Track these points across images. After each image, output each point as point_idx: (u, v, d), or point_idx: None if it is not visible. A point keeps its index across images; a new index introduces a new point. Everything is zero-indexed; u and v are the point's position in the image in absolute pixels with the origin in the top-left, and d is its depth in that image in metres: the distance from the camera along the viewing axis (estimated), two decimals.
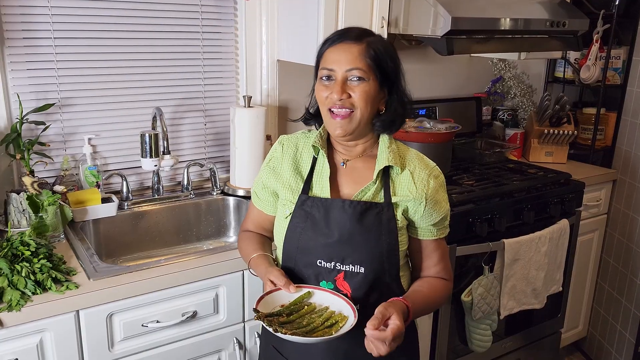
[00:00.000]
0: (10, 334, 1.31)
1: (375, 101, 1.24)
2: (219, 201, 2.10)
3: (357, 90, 1.20)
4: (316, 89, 1.26)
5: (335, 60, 1.21)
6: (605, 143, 2.79)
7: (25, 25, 1.76)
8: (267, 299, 1.20)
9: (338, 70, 1.20)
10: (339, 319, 1.18)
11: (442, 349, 2.17)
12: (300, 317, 1.18)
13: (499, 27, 2.06)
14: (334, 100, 1.20)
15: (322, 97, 1.23)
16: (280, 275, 1.24)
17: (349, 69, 1.19)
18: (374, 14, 1.99)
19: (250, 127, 2.02)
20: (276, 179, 1.33)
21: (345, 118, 1.21)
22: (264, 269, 1.29)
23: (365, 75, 1.20)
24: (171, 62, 2.05)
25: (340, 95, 1.19)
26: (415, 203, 1.26)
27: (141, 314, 1.49)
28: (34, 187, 1.71)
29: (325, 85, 1.23)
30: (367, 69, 1.20)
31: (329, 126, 1.25)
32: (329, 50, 1.23)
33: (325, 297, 1.23)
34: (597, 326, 2.84)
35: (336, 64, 1.20)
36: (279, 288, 1.22)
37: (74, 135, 1.93)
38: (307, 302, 1.22)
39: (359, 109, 1.21)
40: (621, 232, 2.66)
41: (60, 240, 1.67)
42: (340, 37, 1.23)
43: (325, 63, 1.22)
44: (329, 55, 1.22)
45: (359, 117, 1.22)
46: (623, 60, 2.69)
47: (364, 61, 1.19)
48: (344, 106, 1.20)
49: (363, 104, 1.21)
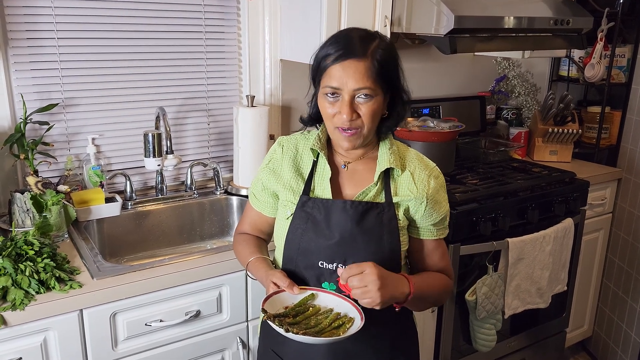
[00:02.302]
0: (15, 333, 1.31)
1: (381, 113, 1.23)
2: (222, 201, 2.10)
3: (364, 108, 1.18)
4: (320, 103, 1.23)
5: (341, 78, 1.16)
6: (610, 142, 2.78)
7: (28, 25, 1.77)
8: (270, 301, 1.19)
9: (345, 90, 1.16)
10: (345, 320, 1.17)
11: (446, 349, 2.16)
12: (307, 318, 1.17)
13: (503, 26, 2.06)
14: (342, 120, 1.18)
15: (328, 113, 1.20)
16: (283, 276, 1.22)
17: (356, 88, 1.16)
18: (376, 13, 1.98)
19: (253, 126, 2.02)
20: (276, 180, 1.32)
21: (353, 135, 1.20)
22: (264, 272, 1.27)
23: (373, 92, 1.17)
24: (174, 61, 2.05)
25: (350, 117, 1.17)
26: (417, 203, 1.26)
27: (144, 313, 1.49)
28: (38, 186, 1.71)
29: (331, 103, 1.19)
30: (374, 86, 1.17)
31: (337, 139, 1.24)
32: (333, 67, 1.17)
33: (330, 299, 1.22)
34: (602, 326, 2.82)
35: (343, 83, 1.16)
36: (282, 290, 1.21)
37: (78, 135, 1.93)
38: (312, 304, 1.21)
39: (366, 127, 1.20)
40: (626, 231, 2.64)
41: (64, 239, 1.67)
42: (343, 52, 1.16)
43: (331, 81, 1.17)
44: (334, 72, 1.17)
45: (366, 133, 1.21)
46: (628, 59, 2.67)
47: (370, 79, 1.16)
48: (352, 127, 1.19)
49: (370, 121, 1.19)
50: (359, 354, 1.27)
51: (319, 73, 1.21)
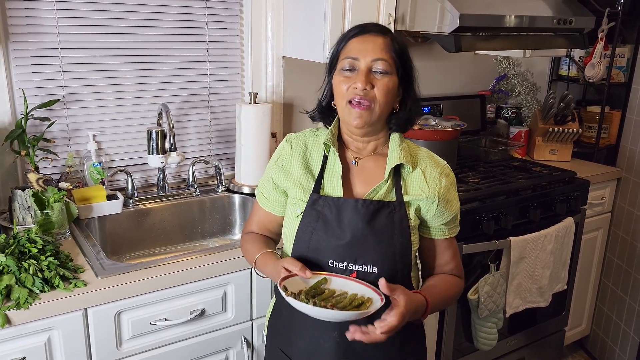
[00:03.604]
0: (19, 332, 1.29)
1: (394, 98, 1.23)
2: (224, 198, 2.09)
3: (379, 83, 1.19)
4: (335, 81, 1.23)
5: (360, 49, 1.19)
6: (609, 141, 2.79)
7: (30, 20, 1.74)
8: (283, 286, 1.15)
9: (362, 60, 1.18)
10: (364, 300, 1.16)
11: (448, 347, 2.16)
12: (324, 299, 1.14)
13: (506, 24, 2.06)
14: (357, 90, 1.18)
15: (343, 89, 1.20)
16: (294, 260, 1.20)
17: (374, 59, 1.18)
18: (380, 10, 1.98)
19: (256, 124, 2.00)
20: (286, 178, 1.30)
21: (365, 109, 1.19)
22: (273, 264, 1.25)
23: (390, 68, 1.19)
24: (176, 58, 2.03)
25: (365, 85, 1.17)
26: (428, 202, 1.25)
27: (149, 312, 1.47)
28: (39, 183, 1.69)
29: (347, 77, 1.20)
30: (392, 62, 1.19)
31: (348, 116, 1.22)
32: (353, 40, 1.21)
33: (343, 283, 1.19)
34: (600, 324, 2.84)
35: (361, 53, 1.19)
36: (293, 274, 1.18)
37: (79, 131, 1.91)
38: (326, 287, 1.19)
39: (378, 104, 1.19)
40: (625, 230, 2.65)
41: (66, 237, 1.65)
42: (363, 29, 1.22)
43: (349, 52, 1.20)
44: (354, 45, 1.21)
45: (378, 111, 1.20)
46: (628, 59, 2.68)
47: (389, 54, 1.19)
48: (366, 97, 1.18)
49: (384, 98, 1.19)
50: (369, 355, 1.27)
51: (336, 54, 1.25)
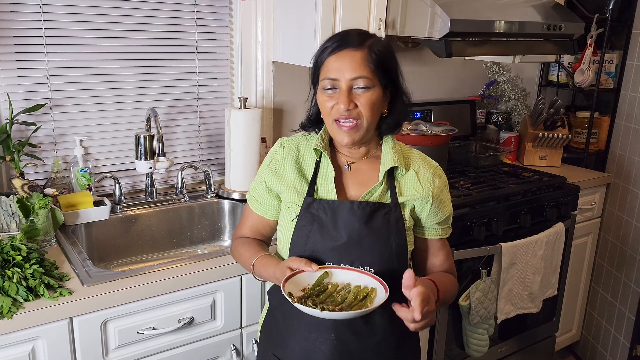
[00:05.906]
0: (1, 343, 1.26)
1: (380, 108, 1.22)
2: (213, 204, 2.06)
3: (362, 99, 1.18)
4: (319, 99, 1.23)
5: (337, 68, 1.17)
6: (598, 147, 2.80)
7: (15, 23, 1.71)
8: (287, 286, 1.16)
9: (342, 79, 1.17)
10: (368, 291, 1.17)
11: (439, 354, 2.14)
12: (329, 296, 1.16)
13: (496, 30, 2.06)
14: (340, 111, 1.18)
15: (327, 107, 1.20)
16: (298, 257, 1.20)
17: (353, 77, 1.17)
18: (371, 15, 1.97)
19: (245, 129, 1.98)
20: (280, 181, 1.29)
21: (352, 128, 1.19)
22: (273, 266, 1.25)
23: (370, 82, 1.17)
24: (165, 62, 2.00)
25: (347, 106, 1.17)
26: (422, 202, 1.26)
27: (137, 320, 1.44)
28: (24, 189, 1.66)
29: (330, 96, 1.19)
30: (372, 76, 1.17)
31: (337, 135, 1.23)
32: (330, 59, 1.19)
33: (344, 274, 1.21)
34: (590, 329, 2.84)
35: (339, 73, 1.17)
36: (297, 272, 1.18)
37: (65, 136, 1.88)
38: (328, 282, 1.20)
39: (365, 118, 1.19)
40: (615, 235, 2.66)
41: (52, 244, 1.62)
42: (340, 44, 1.19)
43: (328, 72, 1.19)
44: (331, 64, 1.18)
45: (365, 126, 1.20)
46: (616, 65, 2.70)
47: (367, 68, 1.17)
48: (350, 116, 1.18)
49: (369, 113, 1.19)
50: (365, 357, 1.26)
51: (317, 69, 1.23)
